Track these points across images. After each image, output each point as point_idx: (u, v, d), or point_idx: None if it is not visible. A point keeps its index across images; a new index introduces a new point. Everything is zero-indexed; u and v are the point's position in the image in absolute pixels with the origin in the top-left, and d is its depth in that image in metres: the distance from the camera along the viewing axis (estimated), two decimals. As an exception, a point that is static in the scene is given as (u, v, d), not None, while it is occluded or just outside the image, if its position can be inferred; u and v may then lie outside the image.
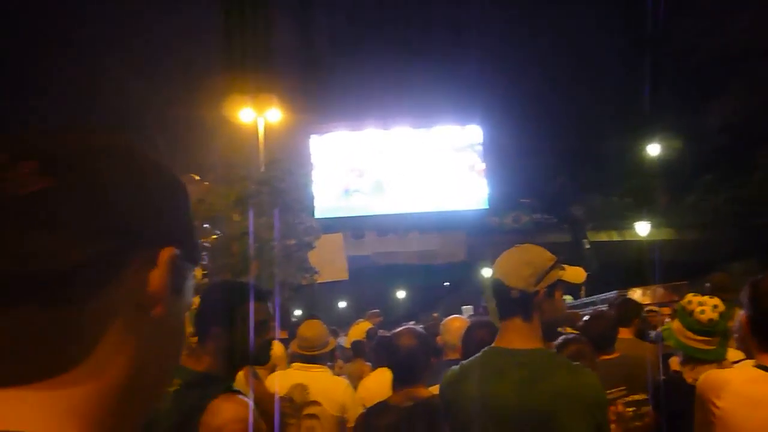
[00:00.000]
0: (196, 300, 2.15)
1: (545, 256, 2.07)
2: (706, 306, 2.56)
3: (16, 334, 0.54)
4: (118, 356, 0.59)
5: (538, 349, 2.00)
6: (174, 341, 0.65)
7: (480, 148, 28.63)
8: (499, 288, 2.02)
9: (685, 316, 2.64)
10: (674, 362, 3.22)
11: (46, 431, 0.53)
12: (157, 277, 0.60)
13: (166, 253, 0.61)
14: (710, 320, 2.52)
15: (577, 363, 1.98)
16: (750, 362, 1.98)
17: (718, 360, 2.52)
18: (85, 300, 0.56)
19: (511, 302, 2.01)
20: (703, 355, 2.54)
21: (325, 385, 3.52)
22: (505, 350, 1.99)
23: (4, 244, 0.53)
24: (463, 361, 2.11)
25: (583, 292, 24.17)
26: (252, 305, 2.07)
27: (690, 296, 2.67)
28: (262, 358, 2.22)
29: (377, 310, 9.74)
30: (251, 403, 1.91)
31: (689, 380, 2.60)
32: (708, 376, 1.96)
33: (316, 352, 3.65)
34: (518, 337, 1.99)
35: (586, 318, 3.69)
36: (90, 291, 0.56)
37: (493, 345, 2.05)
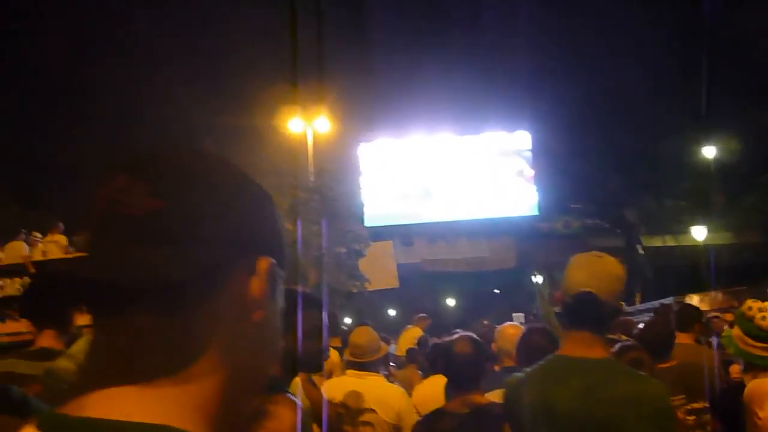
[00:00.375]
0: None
1: (624, 270, 2.05)
2: (766, 312, 2.51)
3: (138, 338, 0.62)
4: (227, 356, 0.65)
5: (605, 358, 1.99)
6: (272, 342, 0.73)
7: (529, 153, 28.37)
8: (590, 301, 1.94)
9: (745, 323, 2.59)
10: (735, 369, 3.15)
11: (177, 422, 0.60)
12: (257, 284, 0.68)
13: (264, 262, 0.69)
14: None
15: (640, 372, 1.97)
16: None
17: None
18: (196, 306, 0.64)
19: (595, 315, 1.98)
20: (764, 362, 2.48)
21: (380, 393, 3.55)
22: (570, 359, 1.98)
23: (123, 259, 0.61)
24: (527, 368, 2.11)
25: (638, 299, 23.70)
26: (300, 312, 2.11)
27: (750, 302, 2.62)
28: (313, 365, 2.26)
29: (424, 314, 9.76)
30: (300, 409, 1.96)
31: None
32: (753, 386, 1.93)
33: (368, 359, 3.68)
34: (585, 346, 1.98)
35: (641, 325, 3.64)
36: (199, 298, 0.64)
37: (558, 353, 2.04)
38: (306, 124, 16.66)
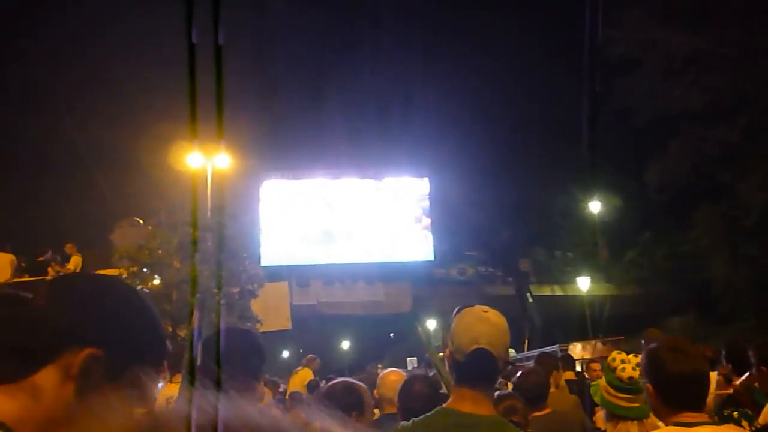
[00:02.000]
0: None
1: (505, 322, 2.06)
2: (627, 364, 2.62)
3: None
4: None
5: (492, 416, 2.00)
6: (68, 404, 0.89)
7: (426, 200, 28.97)
8: (484, 358, 1.94)
9: (609, 373, 2.71)
10: (599, 418, 3.29)
11: None
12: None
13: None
14: (630, 378, 2.58)
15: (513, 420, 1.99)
16: (666, 428, 2.05)
17: (639, 417, 2.57)
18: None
19: (488, 371, 1.98)
20: (624, 413, 2.58)
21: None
22: (460, 413, 1.96)
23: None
24: (415, 419, 2.09)
25: (526, 346, 24.38)
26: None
27: (614, 353, 2.74)
28: None
29: (313, 355, 9.78)
30: None
31: None
32: None
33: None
34: (475, 402, 1.97)
35: (518, 374, 3.75)
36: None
37: (447, 407, 2.03)
38: (205, 160, 16.33)
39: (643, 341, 4.76)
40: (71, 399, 0.85)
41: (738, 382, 3.32)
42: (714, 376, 4.27)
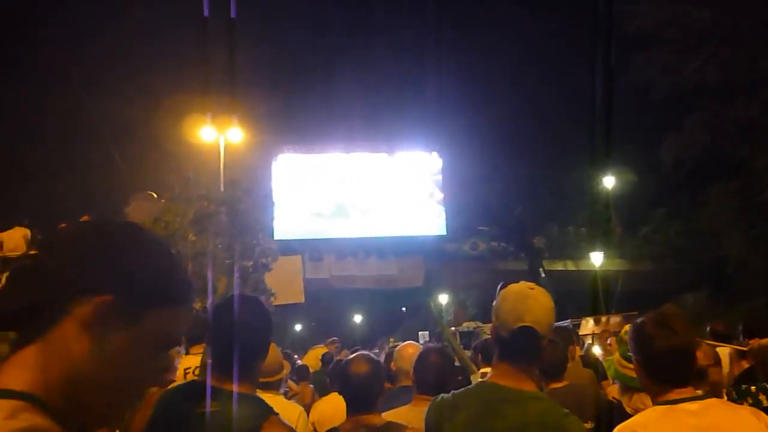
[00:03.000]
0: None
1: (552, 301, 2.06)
2: None
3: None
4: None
5: (536, 392, 2.00)
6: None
7: (439, 175, 28.89)
8: (529, 336, 1.95)
9: (622, 346, 2.72)
10: (613, 390, 3.31)
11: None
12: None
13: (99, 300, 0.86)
14: None
15: (568, 411, 1.98)
16: (651, 408, 2.06)
17: None
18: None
19: (533, 350, 1.99)
20: (636, 384, 2.59)
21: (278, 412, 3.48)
22: (504, 388, 1.97)
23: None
24: (455, 391, 2.10)
25: (538, 320, 24.40)
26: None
27: (627, 327, 2.75)
28: None
29: (335, 338, 9.82)
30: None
31: (628, 410, 2.67)
32: (622, 430, 2.02)
33: (269, 379, 3.58)
34: (518, 378, 1.98)
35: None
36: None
37: (490, 381, 2.03)
38: (218, 134, 16.34)
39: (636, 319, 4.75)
40: (90, 349, 0.84)
41: (754, 344, 3.28)
42: (726, 351, 4.26)
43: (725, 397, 3.02)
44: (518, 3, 31.72)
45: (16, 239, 13.29)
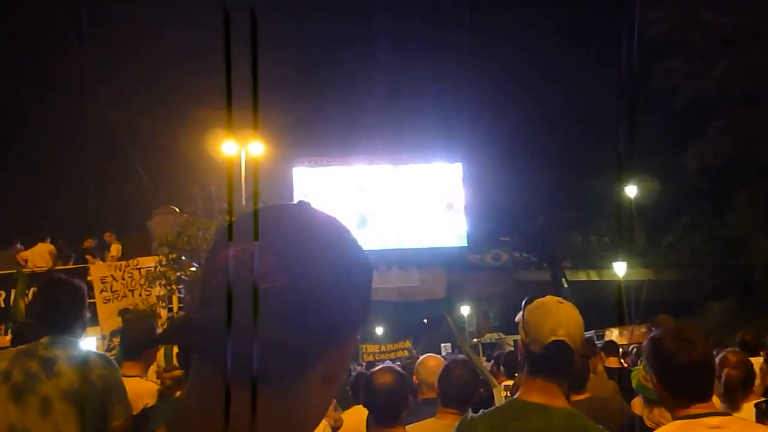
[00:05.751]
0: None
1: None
2: None
3: (246, 405, 0.63)
4: (299, 416, 0.69)
5: (569, 409, 1.97)
6: (329, 404, 0.77)
7: (461, 186, 28.80)
8: (562, 350, 1.91)
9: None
10: (636, 404, 3.25)
11: None
12: (343, 358, 0.72)
13: (353, 339, 0.73)
14: None
15: (602, 427, 1.95)
16: (670, 423, 2.02)
17: None
18: (296, 378, 0.67)
19: (565, 365, 1.95)
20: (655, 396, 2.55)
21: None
22: (536, 405, 1.94)
23: (243, 327, 0.62)
24: (485, 410, 2.05)
25: (561, 331, 24.17)
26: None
27: None
28: None
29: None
30: None
31: (648, 423, 2.61)
32: None
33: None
34: (550, 394, 1.94)
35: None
36: (299, 371, 0.67)
37: (520, 398, 2.00)
38: (239, 147, 16.46)
39: (652, 328, 4.68)
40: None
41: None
42: (758, 362, 4.18)
43: (754, 410, 2.96)
44: (540, 12, 31.68)
45: (43, 255, 13.46)
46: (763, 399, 3.23)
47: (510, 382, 5.09)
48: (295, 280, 0.65)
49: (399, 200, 28.12)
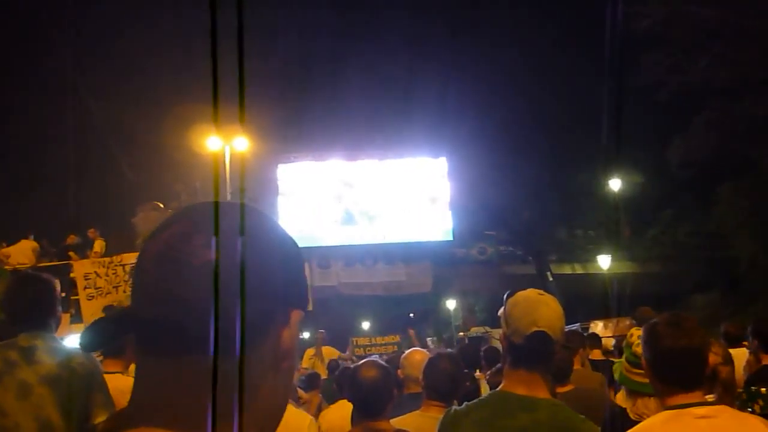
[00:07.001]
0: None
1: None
2: None
3: (192, 381, 0.65)
4: (252, 401, 0.69)
5: (550, 399, 1.99)
6: (289, 389, 0.78)
7: (446, 180, 28.82)
8: (542, 340, 1.95)
9: (627, 349, 2.69)
10: (620, 396, 3.27)
11: None
12: (289, 335, 0.73)
13: (296, 314, 0.74)
14: None
15: (585, 417, 1.97)
16: (662, 410, 2.03)
17: None
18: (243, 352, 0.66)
19: (546, 355, 1.99)
20: (642, 389, 2.55)
21: (287, 419, 3.47)
22: (517, 396, 1.97)
23: (179, 302, 0.65)
24: (468, 402, 2.08)
25: (547, 324, 24.28)
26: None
27: (633, 330, 2.72)
28: None
29: (322, 330, 10.11)
30: None
31: (632, 415, 2.63)
32: None
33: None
34: (531, 385, 1.98)
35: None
36: (248, 348, 0.67)
37: (503, 390, 2.03)
38: (223, 143, 16.37)
39: (634, 320, 4.72)
40: None
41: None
42: (744, 354, 4.21)
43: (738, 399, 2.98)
44: (525, 6, 31.72)
45: (25, 252, 13.34)
46: (742, 390, 3.25)
47: (481, 376, 5.12)
48: (226, 257, 0.66)
49: (385, 195, 28.10)
